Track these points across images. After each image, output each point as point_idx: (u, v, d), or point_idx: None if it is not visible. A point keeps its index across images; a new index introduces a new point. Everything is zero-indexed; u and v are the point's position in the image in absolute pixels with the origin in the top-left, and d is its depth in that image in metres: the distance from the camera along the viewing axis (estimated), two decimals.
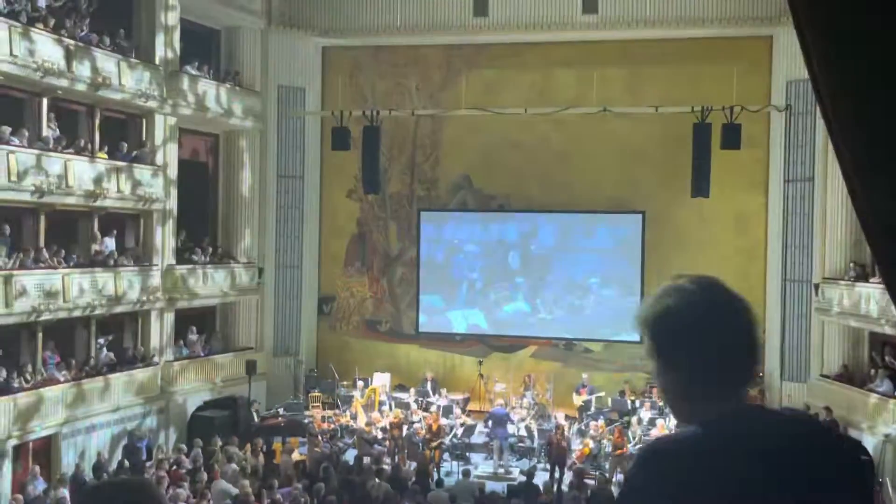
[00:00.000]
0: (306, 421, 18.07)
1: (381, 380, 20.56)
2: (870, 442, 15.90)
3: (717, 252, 20.41)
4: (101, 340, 17.66)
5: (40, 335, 15.96)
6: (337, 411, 19.33)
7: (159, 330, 18.65)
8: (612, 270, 21.07)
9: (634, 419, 17.68)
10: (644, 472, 1.62)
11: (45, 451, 15.59)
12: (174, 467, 14.96)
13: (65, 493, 13.16)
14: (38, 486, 13.97)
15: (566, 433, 16.64)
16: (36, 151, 15.52)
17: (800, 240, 19.50)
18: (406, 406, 18.68)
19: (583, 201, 21.14)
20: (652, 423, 17.28)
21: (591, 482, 14.71)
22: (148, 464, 15.87)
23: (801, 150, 19.49)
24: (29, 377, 15.43)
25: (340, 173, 22.08)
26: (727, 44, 20.15)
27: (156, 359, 18.38)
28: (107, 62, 16.96)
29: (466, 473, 14.81)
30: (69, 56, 16.08)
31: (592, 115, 19.75)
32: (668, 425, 16.87)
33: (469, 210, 22.06)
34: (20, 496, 13.22)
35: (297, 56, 21.98)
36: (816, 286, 18.95)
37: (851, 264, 18.00)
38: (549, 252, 21.48)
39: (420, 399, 19.26)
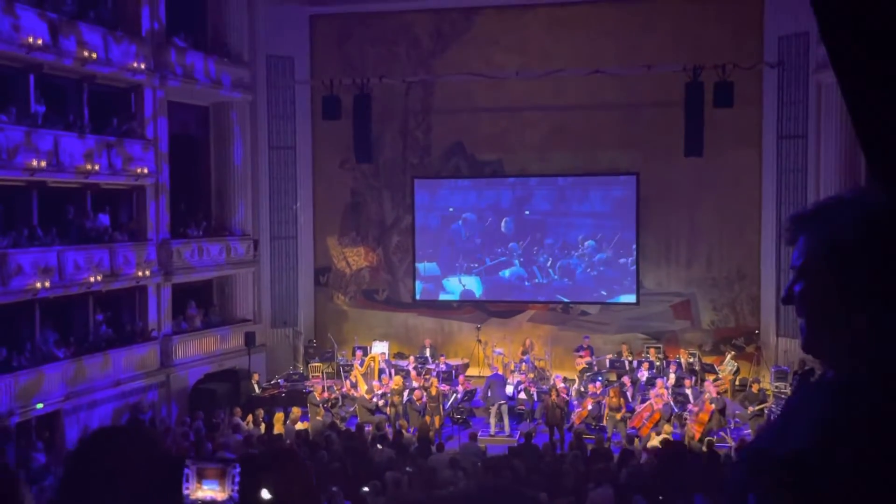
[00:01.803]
0: (307, 391, 18.18)
1: (380, 348, 20.67)
2: None
3: (711, 210, 20.46)
4: (100, 317, 17.69)
5: (38, 313, 15.97)
6: (337, 380, 19.45)
7: (157, 305, 18.68)
8: (608, 233, 21.11)
9: (626, 378, 17.79)
10: None
11: (49, 427, 15.70)
12: (178, 439, 15.07)
13: None
14: (40, 459, 14.08)
15: (562, 395, 16.75)
16: (25, 128, 15.40)
17: (794, 196, 19.51)
18: (406, 373, 18.81)
19: (576, 165, 21.11)
20: (651, 382, 17.42)
21: (590, 442, 14.86)
22: None
23: (794, 107, 19.44)
24: (28, 355, 15.47)
25: (332, 143, 21.95)
26: (718, 1, 19.98)
27: (154, 333, 18.43)
28: (92, 35, 16.76)
29: (473, 437, 14.95)
30: (54, 30, 15.88)
31: (584, 78, 19.63)
32: (666, 384, 17.02)
33: (463, 177, 22.01)
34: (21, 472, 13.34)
35: (285, 25, 21.73)
36: None
37: None
38: (543, 216, 21.48)
39: (419, 366, 19.39)
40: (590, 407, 16.69)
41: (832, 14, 1.52)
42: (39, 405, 15.18)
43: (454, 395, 17.70)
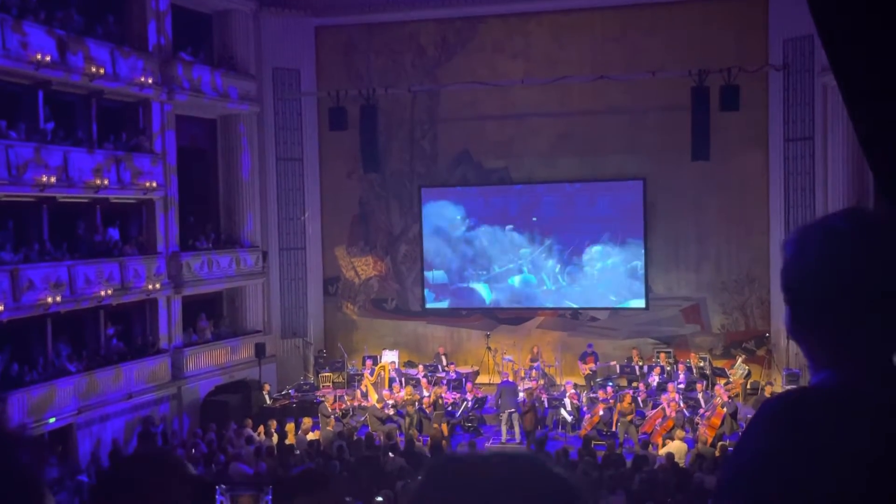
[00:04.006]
0: (318, 401, 18.20)
1: (390, 357, 20.69)
2: None
3: (719, 214, 20.42)
4: (111, 330, 17.77)
5: (50, 328, 16.06)
6: (347, 390, 19.46)
7: (167, 317, 18.75)
8: (615, 238, 21.09)
9: (641, 384, 17.75)
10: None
11: (62, 440, 15.76)
12: (191, 451, 15.11)
13: (82, 478, 13.32)
14: (53, 473, 14.13)
15: (540, 398, 16.75)
16: (34, 144, 15.52)
17: (801, 198, 19.46)
18: (416, 382, 18.81)
19: (583, 170, 21.11)
20: (662, 387, 17.36)
21: (601, 449, 14.81)
22: None
23: (800, 109, 19.40)
24: (41, 370, 15.55)
25: (340, 153, 22.02)
26: (723, 5, 19.98)
27: (165, 345, 18.50)
28: (100, 51, 16.90)
29: (472, 446, 14.94)
30: (62, 47, 16.02)
31: (590, 84, 19.66)
32: (677, 388, 16.96)
33: (470, 185, 22.04)
34: None
35: (290, 37, 21.85)
36: None
37: None
38: (551, 223, 21.48)
39: (429, 374, 19.38)
40: (601, 413, 16.64)
41: (832, 26, 1.54)
42: (52, 419, 15.25)
43: (464, 403, 17.69)
